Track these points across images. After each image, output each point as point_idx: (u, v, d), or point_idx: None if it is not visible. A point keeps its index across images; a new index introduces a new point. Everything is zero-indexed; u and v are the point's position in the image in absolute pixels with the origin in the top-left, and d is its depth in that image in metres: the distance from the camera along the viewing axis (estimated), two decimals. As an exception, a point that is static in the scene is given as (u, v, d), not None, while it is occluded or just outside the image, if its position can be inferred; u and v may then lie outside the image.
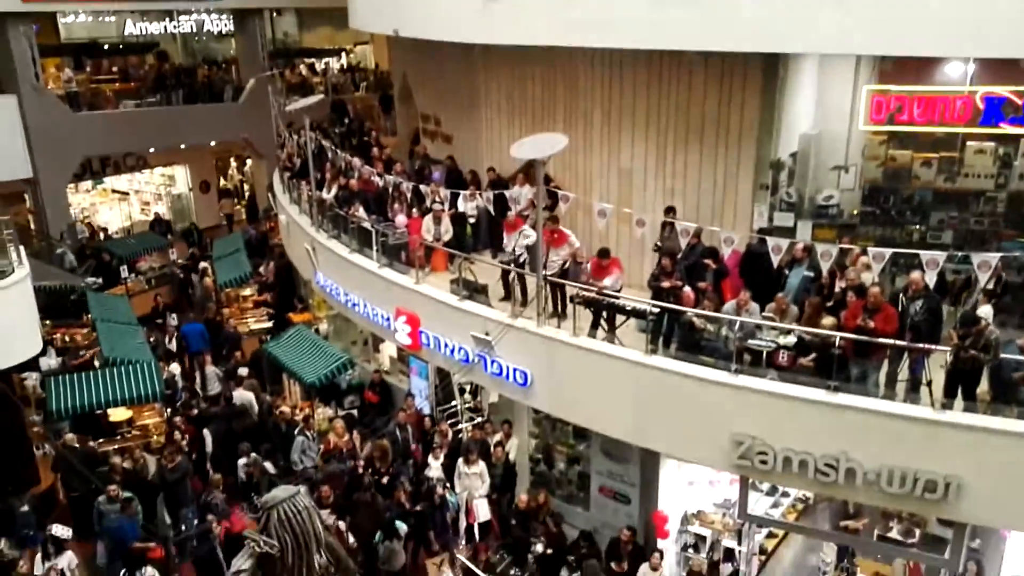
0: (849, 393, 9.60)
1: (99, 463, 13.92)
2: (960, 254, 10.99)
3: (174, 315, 20.77)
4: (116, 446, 15.19)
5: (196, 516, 13.27)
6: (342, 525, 12.02)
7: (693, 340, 10.81)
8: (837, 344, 9.74)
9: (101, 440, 15.26)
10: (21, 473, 13.93)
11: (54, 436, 14.51)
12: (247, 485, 13.70)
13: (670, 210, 12.74)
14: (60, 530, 12.12)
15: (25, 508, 13.11)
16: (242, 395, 16.07)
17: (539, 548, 12.80)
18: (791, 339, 10.30)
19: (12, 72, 23.27)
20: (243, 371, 17.47)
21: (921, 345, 9.57)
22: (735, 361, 10.18)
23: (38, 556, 11.85)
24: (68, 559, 11.81)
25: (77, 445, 14.12)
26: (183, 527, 13.25)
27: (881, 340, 9.72)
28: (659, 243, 12.57)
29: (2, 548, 11.74)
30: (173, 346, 19.46)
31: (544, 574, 12.88)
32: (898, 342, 9.71)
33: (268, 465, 14.14)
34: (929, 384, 9.33)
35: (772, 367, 10.27)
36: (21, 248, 14.22)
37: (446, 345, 12.97)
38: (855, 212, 13.39)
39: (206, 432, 15.22)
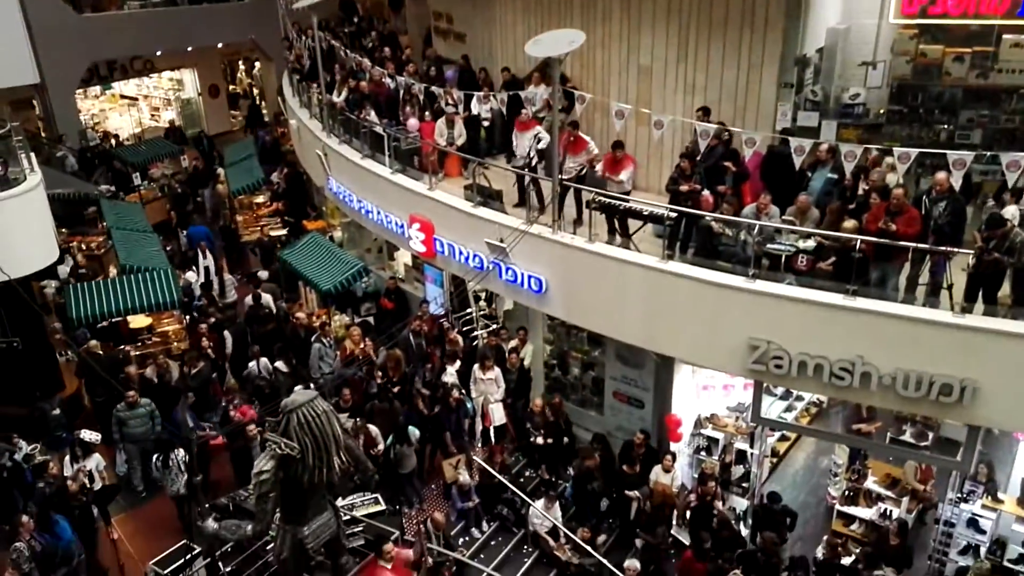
0: (868, 297, 9.50)
1: (123, 369, 14.14)
2: (988, 154, 10.68)
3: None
4: (138, 353, 15.41)
5: (219, 420, 13.50)
6: (374, 430, 12.19)
7: (711, 245, 10.67)
8: (857, 248, 9.59)
9: (123, 347, 15.47)
10: (46, 379, 14.16)
11: (75, 343, 14.69)
12: (262, 391, 13.89)
13: (703, 111, 12.33)
14: (89, 435, 12.38)
15: (56, 412, 13.41)
16: (265, 298, 16.49)
17: (539, 440, 13.04)
18: (810, 243, 10.15)
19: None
20: (263, 273, 17.59)
21: (943, 248, 9.40)
22: (753, 266, 10.07)
23: (67, 458, 12.13)
24: (96, 461, 12.10)
25: (100, 352, 14.31)
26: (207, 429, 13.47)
27: (903, 243, 9.55)
28: (688, 147, 12.21)
29: (34, 451, 12.02)
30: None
31: (551, 470, 13.19)
32: (920, 245, 9.54)
33: (280, 364, 14.29)
34: (950, 288, 9.22)
35: (790, 272, 10.16)
36: (32, 155, 14.10)
37: (460, 252, 12.89)
38: (882, 111, 12.97)
39: (227, 334, 15.45)
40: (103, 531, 11.59)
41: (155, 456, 12.08)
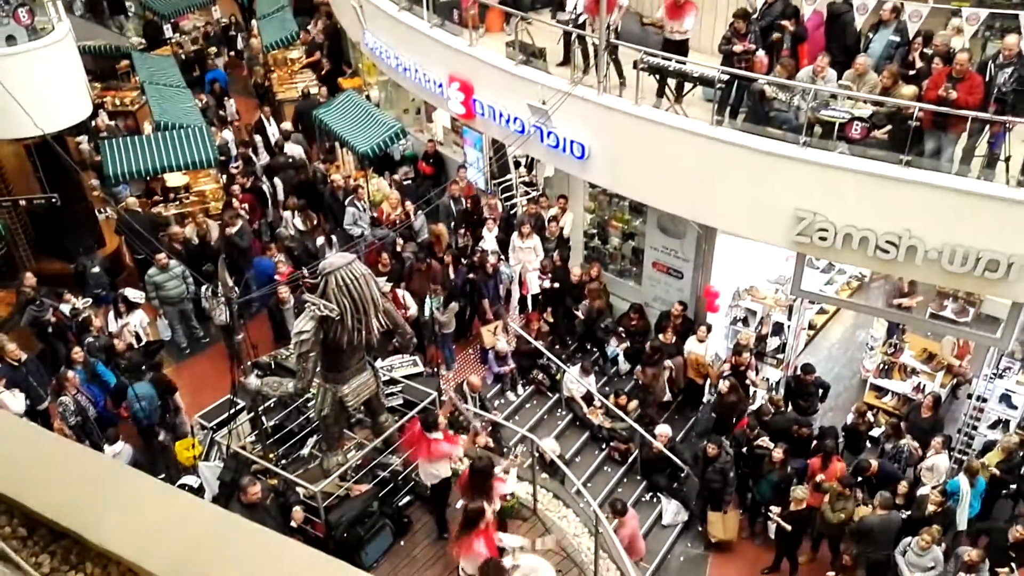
0: (921, 168, 9.22)
1: (162, 227, 14.23)
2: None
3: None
4: (176, 211, 15.47)
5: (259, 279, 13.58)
6: (404, 294, 12.23)
7: (762, 111, 10.25)
8: (915, 116, 9.17)
9: (161, 204, 15.53)
10: (86, 235, 14.30)
11: (114, 200, 14.76)
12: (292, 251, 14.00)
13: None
14: (133, 293, 12.61)
15: (96, 269, 13.61)
16: (291, 148, 16.49)
17: (580, 314, 13.09)
18: (866, 110, 9.70)
19: None
20: (287, 125, 17.46)
21: (1005, 117, 8.98)
22: (805, 134, 9.70)
23: (111, 314, 12.39)
24: (139, 317, 12.35)
25: (140, 209, 14.37)
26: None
27: (962, 112, 9.11)
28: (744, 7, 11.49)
29: (79, 306, 12.26)
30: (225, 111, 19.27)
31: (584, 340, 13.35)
32: (981, 114, 9.14)
33: (297, 222, 14.35)
34: (1007, 160, 8.87)
35: (843, 140, 9.79)
36: (59, 2, 13.70)
37: (501, 115, 12.53)
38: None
39: (264, 186, 15.58)
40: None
41: (203, 287, 12.18)
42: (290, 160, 16.45)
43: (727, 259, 12.55)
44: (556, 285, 13.03)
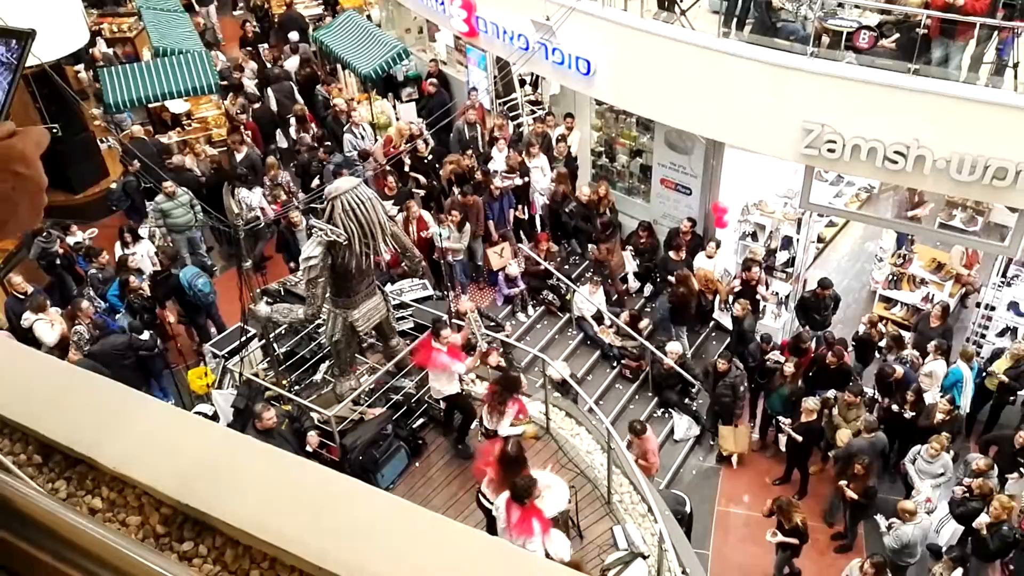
0: (929, 77, 9.11)
1: (167, 155, 14.15)
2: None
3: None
4: (179, 138, 15.36)
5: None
6: (425, 214, 12.14)
7: (769, 21, 10.04)
8: (922, 23, 8.99)
9: (165, 132, 15.43)
10: (88, 165, 14.24)
11: (117, 129, 14.64)
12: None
13: None
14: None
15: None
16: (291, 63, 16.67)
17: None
18: (874, 18, 9.50)
19: None
20: (293, 35, 17.40)
21: (1014, 23, 8.78)
22: (812, 44, 9.53)
23: (117, 244, 12.41)
24: (146, 247, 12.36)
25: (145, 138, 14.26)
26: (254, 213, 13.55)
27: (970, 18, 8.94)
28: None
29: (90, 237, 12.31)
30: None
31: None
32: (989, 20, 8.99)
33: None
34: (1015, 66, 8.72)
35: (851, 50, 9.62)
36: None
37: (504, 32, 12.30)
38: None
39: (269, 92, 15.62)
40: (159, 314, 11.91)
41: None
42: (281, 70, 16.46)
43: (735, 174, 12.44)
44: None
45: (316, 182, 13.28)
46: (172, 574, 1.13)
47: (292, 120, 15.30)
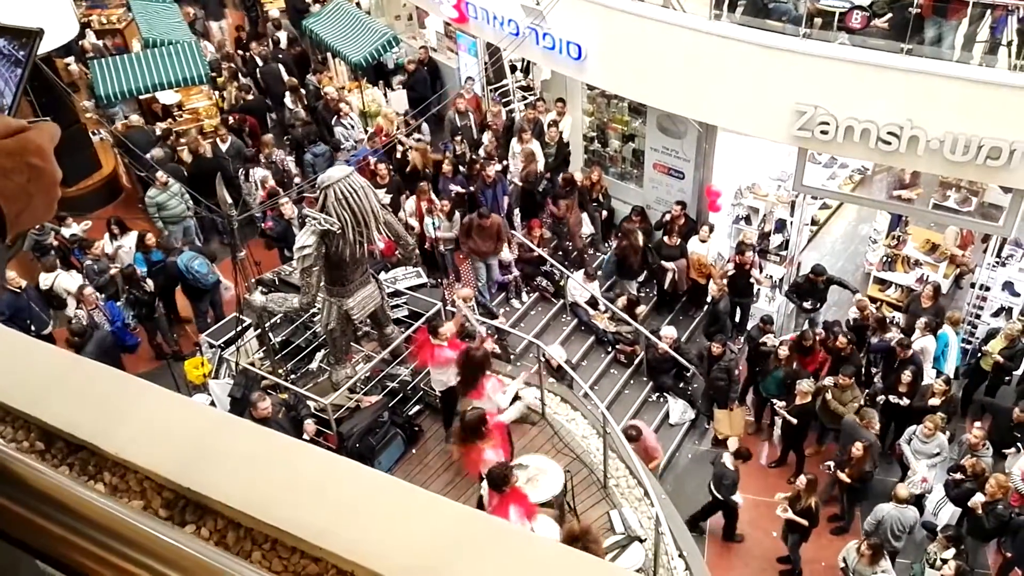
0: (922, 57, 9.10)
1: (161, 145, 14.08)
2: None
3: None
4: (173, 128, 15.26)
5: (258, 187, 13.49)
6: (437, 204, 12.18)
7: (761, 2, 10.04)
8: (915, 3, 9.02)
9: (156, 124, 15.34)
10: (80, 158, 14.16)
11: (108, 121, 14.57)
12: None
13: None
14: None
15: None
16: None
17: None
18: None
19: None
20: (274, 12, 17.57)
21: (1007, 1, 8.79)
22: (805, 25, 9.52)
23: (106, 237, 12.36)
24: (134, 240, 12.30)
25: (144, 126, 14.19)
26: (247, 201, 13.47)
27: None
28: None
29: (85, 228, 12.26)
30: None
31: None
32: (982, -1, 8.97)
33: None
34: (1009, 45, 8.72)
35: (844, 30, 9.61)
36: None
37: (494, 17, 12.26)
38: None
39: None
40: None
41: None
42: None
43: (728, 158, 12.45)
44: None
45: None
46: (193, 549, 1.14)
47: (287, 94, 15.25)
